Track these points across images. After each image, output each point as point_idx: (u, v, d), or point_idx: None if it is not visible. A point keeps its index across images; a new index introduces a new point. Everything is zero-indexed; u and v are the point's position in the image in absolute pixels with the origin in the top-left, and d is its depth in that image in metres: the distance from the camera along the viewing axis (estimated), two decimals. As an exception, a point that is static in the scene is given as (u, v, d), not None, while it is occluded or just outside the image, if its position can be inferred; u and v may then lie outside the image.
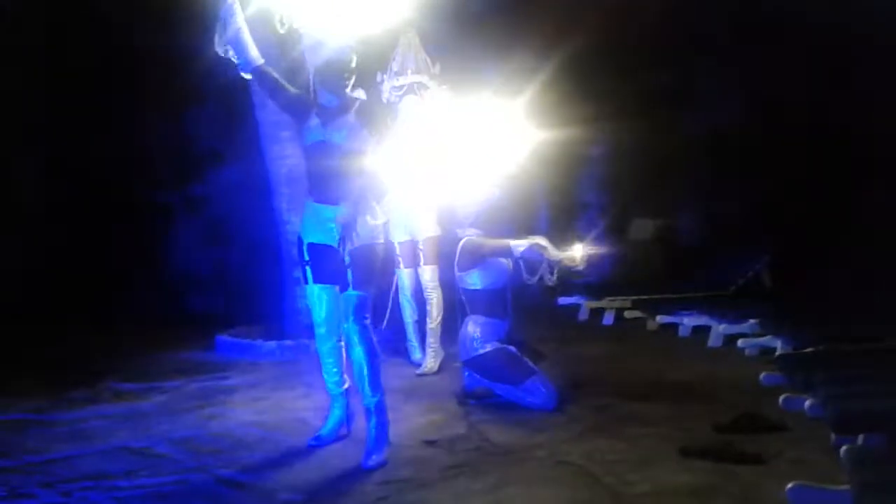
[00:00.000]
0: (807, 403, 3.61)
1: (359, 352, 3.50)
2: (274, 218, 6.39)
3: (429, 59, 5.29)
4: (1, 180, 7.80)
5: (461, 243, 4.52)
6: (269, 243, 7.59)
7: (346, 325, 3.52)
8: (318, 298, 3.67)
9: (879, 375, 3.74)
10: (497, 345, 4.39)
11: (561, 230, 9.21)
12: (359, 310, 3.50)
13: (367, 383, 3.52)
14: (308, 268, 3.65)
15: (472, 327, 4.44)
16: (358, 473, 3.32)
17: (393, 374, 5.23)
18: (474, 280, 4.45)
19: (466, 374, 4.48)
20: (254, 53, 3.51)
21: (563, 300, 7.73)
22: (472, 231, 4.54)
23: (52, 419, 4.29)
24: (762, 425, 3.72)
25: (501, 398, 4.34)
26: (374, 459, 3.44)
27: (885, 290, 5.78)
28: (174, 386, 5.05)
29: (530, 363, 4.34)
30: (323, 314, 3.69)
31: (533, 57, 7.73)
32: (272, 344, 5.89)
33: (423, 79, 5.22)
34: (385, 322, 5.75)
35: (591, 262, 4.43)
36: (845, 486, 2.61)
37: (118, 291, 8.21)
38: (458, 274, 4.53)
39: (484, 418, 4.14)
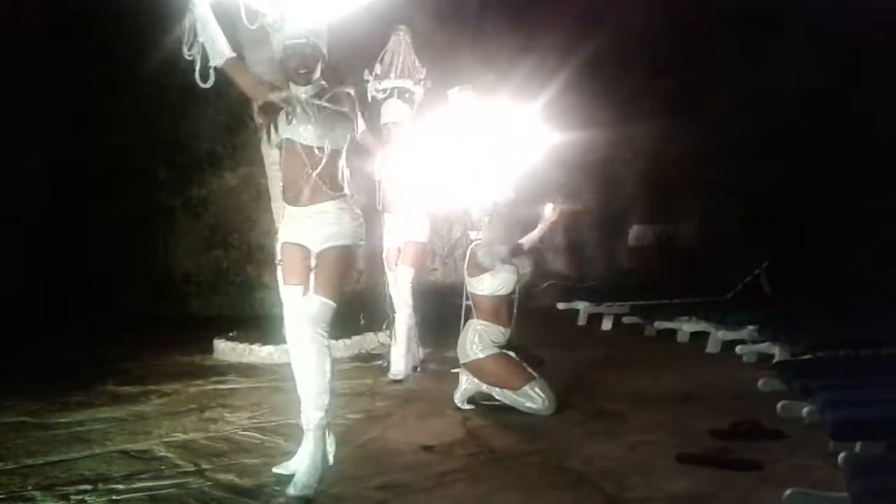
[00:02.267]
0: (805, 410, 3.62)
1: (309, 364, 3.17)
2: (272, 221, 6.39)
3: (417, 63, 5.20)
4: (2, 182, 7.81)
5: (471, 248, 4.52)
6: (268, 247, 7.59)
7: (301, 332, 3.18)
8: (290, 301, 3.30)
9: (878, 382, 3.74)
10: (496, 350, 4.39)
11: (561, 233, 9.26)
12: (317, 319, 3.18)
13: (311, 399, 3.20)
14: (280, 267, 3.35)
15: (473, 332, 4.44)
16: (355, 478, 3.31)
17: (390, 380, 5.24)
18: (483, 285, 4.45)
19: (465, 378, 4.48)
20: (225, 44, 3.21)
21: (561, 305, 7.74)
22: (483, 234, 4.53)
23: (49, 422, 4.29)
24: (760, 432, 3.71)
25: (500, 403, 4.34)
26: (301, 486, 3.10)
27: (885, 296, 5.79)
28: (172, 389, 5.05)
29: (529, 368, 4.34)
30: (294, 321, 3.27)
31: (541, 63, 7.77)
32: (270, 348, 5.88)
33: (407, 84, 5.15)
34: (385, 325, 5.76)
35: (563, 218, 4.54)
36: (843, 494, 2.61)
37: (116, 294, 8.22)
38: (467, 279, 4.52)
39: (482, 423, 4.14)
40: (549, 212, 4.81)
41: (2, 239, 7.66)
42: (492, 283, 4.43)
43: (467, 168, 4.68)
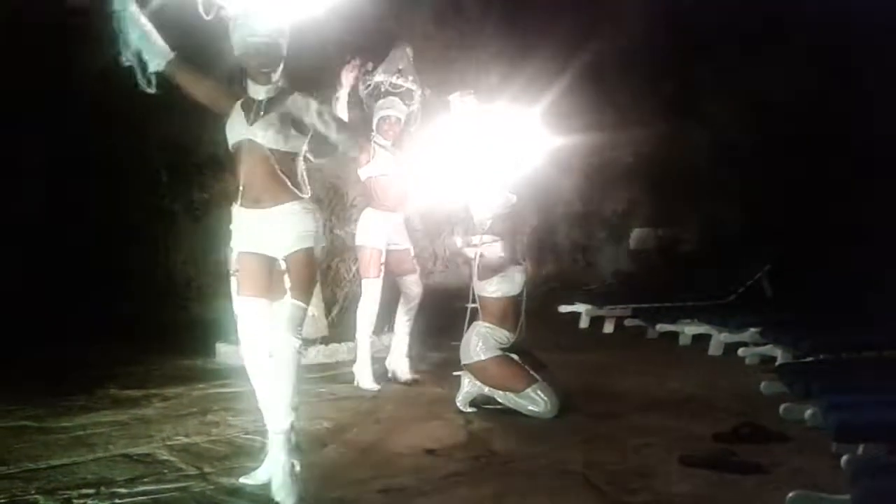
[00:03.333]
0: (807, 412, 3.62)
1: (284, 368, 3.09)
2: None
3: (418, 79, 5.23)
4: (1, 183, 7.81)
5: (479, 254, 4.50)
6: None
7: (277, 338, 3.10)
8: (246, 314, 3.21)
9: (880, 385, 3.74)
10: (499, 352, 4.39)
11: (561, 238, 9.27)
12: (293, 323, 3.10)
13: (284, 404, 3.11)
14: (236, 277, 3.22)
15: (476, 334, 4.44)
16: (357, 481, 3.31)
17: (392, 382, 5.24)
18: (494, 288, 4.45)
19: (467, 381, 4.47)
20: (163, 45, 3.13)
21: (563, 308, 7.75)
22: (488, 238, 4.54)
23: (51, 426, 4.28)
24: (763, 434, 3.71)
25: (502, 406, 4.34)
26: (283, 494, 3.04)
27: (887, 299, 5.78)
28: (175, 393, 5.05)
29: (531, 371, 4.34)
30: (252, 333, 3.21)
31: (544, 65, 7.78)
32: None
33: (417, 93, 5.18)
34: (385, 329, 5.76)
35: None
36: (846, 496, 2.61)
37: (118, 298, 8.22)
38: (476, 282, 4.51)
39: (484, 426, 4.14)
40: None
41: (1, 241, 7.65)
42: (502, 286, 4.44)
43: (468, 172, 4.69)
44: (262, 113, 3.12)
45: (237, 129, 3.17)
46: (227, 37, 3.19)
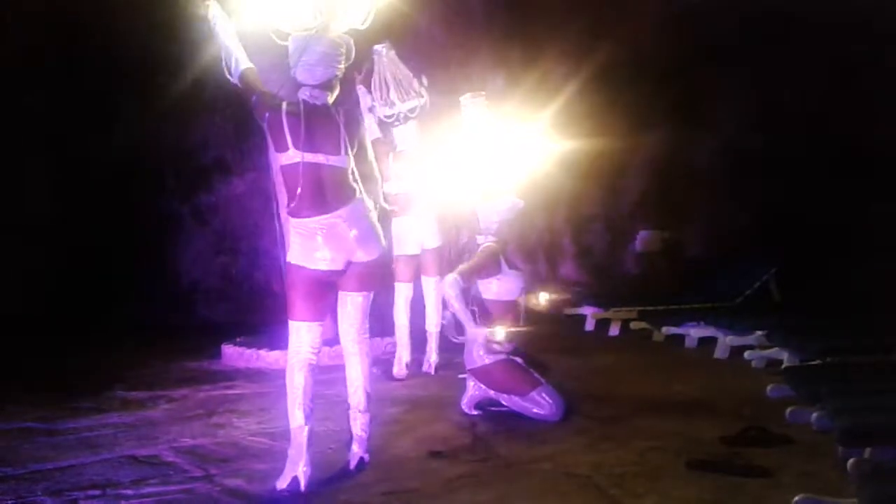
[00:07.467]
0: (814, 416, 3.61)
1: (365, 357, 3.53)
2: (279, 228, 6.41)
3: (410, 75, 5.22)
4: (7, 187, 7.84)
5: (479, 252, 4.51)
6: (275, 253, 7.61)
7: (353, 330, 3.49)
8: (308, 331, 3.40)
9: (887, 388, 3.73)
10: (503, 356, 4.38)
11: (568, 242, 9.26)
12: (367, 314, 3.51)
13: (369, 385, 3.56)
14: (307, 301, 3.37)
15: (479, 339, 4.43)
16: (362, 485, 3.31)
17: (398, 385, 5.25)
18: (492, 290, 4.45)
19: (472, 384, 4.47)
20: (240, 56, 3.35)
21: (569, 310, 7.74)
22: (492, 240, 4.54)
23: (58, 428, 4.31)
24: (769, 438, 3.70)
25: (507, 409, 4.34)
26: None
27: (894, 302, 5.76)
28: (181, 395, 5.07)
29: (536, 374, 4.33)
30: (316, 346, 3.44)
31: (551, 68, 7.79)
32: (277, 353, 5.89)
33: (413, 103, 5.18)
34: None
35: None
36: (852, 500, 2.60)
37: (125, 300, 8.25)
38: (479, 283, 4.50)
39: (489, 429, 4.13)
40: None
41: (7, 245, 7.68)
42: (500, 288, 4.43)
43: (477, 174, 4.69)
44: (320, 125, 3.30)
45: (295, 148, 3.30)
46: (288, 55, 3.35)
